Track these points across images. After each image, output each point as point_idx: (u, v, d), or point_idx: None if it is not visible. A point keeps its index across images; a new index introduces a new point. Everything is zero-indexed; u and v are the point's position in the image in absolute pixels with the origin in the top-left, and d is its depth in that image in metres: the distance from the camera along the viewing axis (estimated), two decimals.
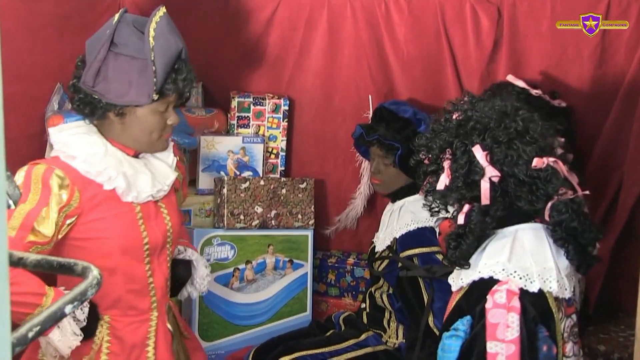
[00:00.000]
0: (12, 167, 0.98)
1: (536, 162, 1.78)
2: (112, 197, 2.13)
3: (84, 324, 2.04)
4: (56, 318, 0.95)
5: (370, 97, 3.07)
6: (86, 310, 2.07)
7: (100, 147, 2.14)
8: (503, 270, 1.78)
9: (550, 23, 2.84)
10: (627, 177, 2.83)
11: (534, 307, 1.76)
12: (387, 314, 2.88)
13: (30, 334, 0.90)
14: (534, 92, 2.71)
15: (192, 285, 2.46)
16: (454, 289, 1.94)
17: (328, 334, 2.95)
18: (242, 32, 3.18)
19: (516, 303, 1.73)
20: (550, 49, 2.86)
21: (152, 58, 2.06)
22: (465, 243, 1.84)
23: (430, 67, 3.04)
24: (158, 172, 2.25)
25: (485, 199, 1.79)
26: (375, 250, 2.95)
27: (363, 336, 2.87)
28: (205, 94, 3.31)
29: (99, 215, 2.11)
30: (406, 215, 2.81)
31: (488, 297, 1.76)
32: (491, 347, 1.72)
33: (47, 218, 1.99)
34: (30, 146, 2.61)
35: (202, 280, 2.46)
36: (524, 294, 1.76)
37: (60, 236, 2.05)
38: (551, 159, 1.80)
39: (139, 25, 2.12)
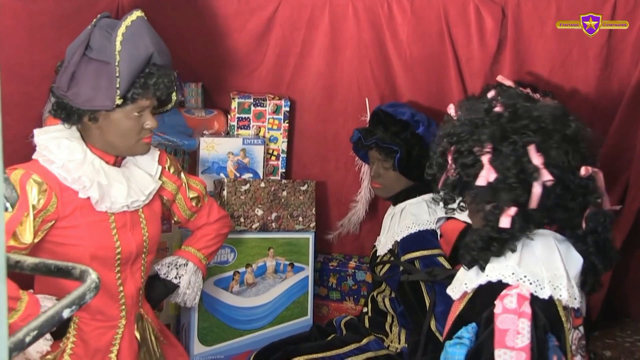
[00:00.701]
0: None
1: (584, 171, 1.73)
2: (86, 205, 2.16)
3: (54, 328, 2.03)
4: (54, 322, 0.94)
5: (367, 100, 3.04)
6: None
7: (79, 154, 2.16)
8: (513, 274, 1.72)
9: (555, 23, 2.81)
10: (633, 180, 2.80)
11: (544, 314, 1.69)
12: (389, 318, 2.85)
13: (28, 339, 0.90)
14: (520, 89, 2.70)
15: (179, 297, 2.54)
16: (455, 297, 1.88)
17: (329, 338, 2.93)
18: (243, 32, 3.15)
19: (527, 309, 1.67)
20: (555, 49, 2.83)
21: (117, 62, 2.08)
22: (497, 247, 1.75)
23: (433, 68, 3.01)
24: (136, 182, 2.28)
25: (534, 203, 1.71)
26: (377, 254, 2.92)
27: (365, 340, 2.85)
28: (205, 94, 3.29)
29: (73, 223, 2.14)
30: (407, 218, 2.79)
31: (497, 302, 1.69)
32: (499, 355, 1.64)
33: (26, 223, 2.02)
34: (27, 147, 2.58)
35: (188, 295, 2.52)
36: (534, 299, 1.70)
37: (36, 240, 2.07)
38: (595, 169, 1.76)
39: (112, 30, 2.12)
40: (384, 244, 2.88)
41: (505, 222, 1.70)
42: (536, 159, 1.69)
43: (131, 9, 2.78)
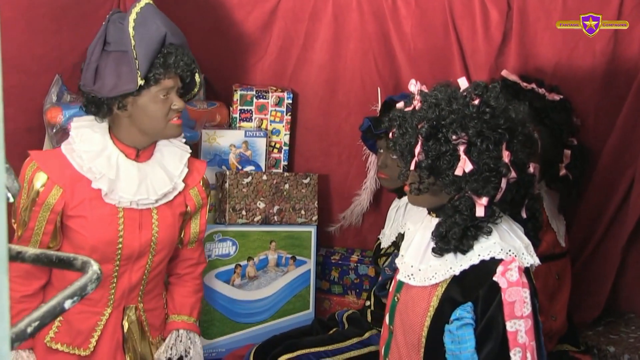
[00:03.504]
0: (11, 160, 0.97)
1: (532, 168, 1.89)
2: (97, 197, 2.23)
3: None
4: (55, 313, 0.93)
5: (379, 89, 3.02)
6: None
7: (96, 145, 2.24)
8: (502, 250, 1.83)
9: (562, 15, 2.79)
10: (639, 174, 2.78)
11: (529, 281, 1.85)
12: None
13: (29, 329, 0.90)
14: (525, 85, 2.70)
15: None
16: (430, 282, 1.91)
17: (331, 332, 2.92)
18: (245, 23, 3.13)
19: (524, 279, 1.81)
20: (561, 42, 2.81)
21: (133, 45, 2.17)
22: (473, 232, 1.86)
23: (437, 60, 2.99)
24: (151, 180, 2.30)
25: (499, 196, 1.84)
26: (381, 247, 2.91)
27: (367, 335, 2.84)
28: (207, 86, 3.27)
29: (81, 212, 2.22)
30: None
31: (498, 277, 1.80)
32: (511, 325, 1.78)
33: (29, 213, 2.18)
34: (28, 139, 2.61)
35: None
36: (525, 269, 1.84)
37: (52, 226, 2.21)
38: (534, 165, 1.92)
39: (124, 20, 2.22)
40: (388, 237, 2.87)
41: (480, 211, 1.83)
42: (506, 157, 1.81)
43: (132, 1, 2.78)
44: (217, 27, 3.15)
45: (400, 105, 2.01)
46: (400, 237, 2.78)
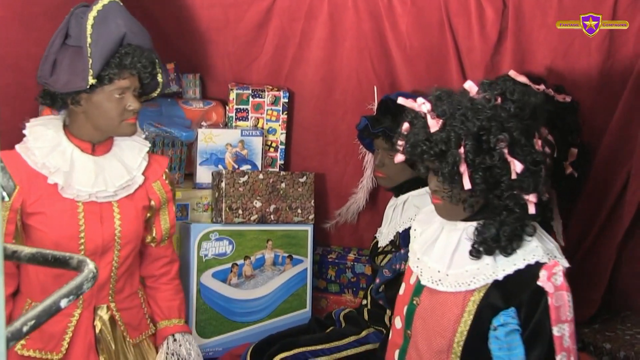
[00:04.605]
0: None
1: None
2: (54, 192, 2.22)
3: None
4: (51, 312, 0.92)
5: (375, 88, 3.01)
6: None
7: (50, 141, 2.23)
8: (544, 253, 1.82)
9: (557, 14, 2.79)
10: (635, 171, 2.78)
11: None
12: (388, 311, 2.84)
13: (25, 328, 0.89)
14: (536, 87, 2.67)
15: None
16: (468, 287, 1.85)
17: (328, 330, 2.92)
18: (241, 22, 3.13)
19: (566, 282, 1.80)
20: (557, 40, 2.81)
21: (88, 43, 2.14)
22: (520, 231, 1.86)
23: (433, 59, 2.98)
24: (109, 173, 2.30)
25: (544, 189, 1.85)
26: (378, 246, 2.91)
27: (364, 333, 2.84)
28: (203, 85, 3.27)
29: (39, 209, 2.21)
30: (410, 209, 2.77)
31: (543, 282, 1.78)
32: (558, 330, 1.78)
33: None
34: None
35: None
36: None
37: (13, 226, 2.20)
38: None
39: (85, 15, 2.20)
40: (385, 235, 2.87)
41: (532, 208, 1.80)
42: (539, 145, 1.80)
43: None
44: (213, 26, 3.14)
45: (405, 127, 1.92)
46: (399, 236, 2.78)
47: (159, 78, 2.36)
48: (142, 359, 2.46)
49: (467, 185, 1.78)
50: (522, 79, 2.69)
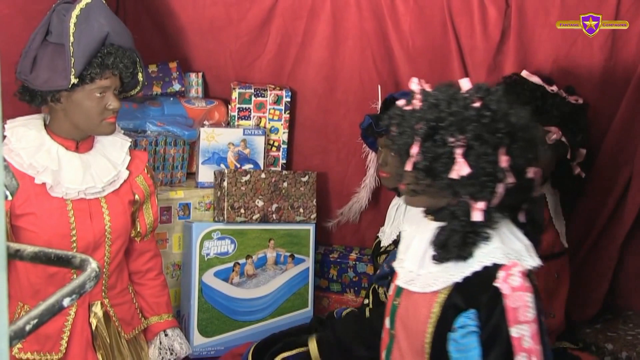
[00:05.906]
0: None
1: (532, 173, 1.84)
2: (42, 192, 2.20)
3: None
4: (54, 311, 0.92)
5: (379, 87, 3.01)
6: None
7: (33, 141, 2.21)
8: (503, 255, 1.79)
9: (560, 13, 2.78)
10: (637, 171, 2.78)
11: (531, 283, 1.80)
12: None
13: (28, 327, 0.89)
14: (550, 89, 2.66)
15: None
16: (431, 289, 1.86)
17: None
18: (244, 21, 3.13)
19: (527, 282, 1.76)
20: (559, 39, 2.81)
21: (71, 42, 2.13)
22: (472, 237, 1.80)
23: (436, 58, 2.98)
24: (95, 169, 2.29)
25: (496, 201, 1.80)
26: (381, 245, 2.90)
27: None
28: (206, 84, 3.27)
29: (28, 209, 2.19)
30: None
31: (500, 283, 1.75)
32: (516, 331, 1.74)
33: None
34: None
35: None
36: (527, 272, 1.79)
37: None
38: (535, 169, 1.86)
39: (67, 13, 2.18)
40: (388, 235, 2.86)
41: (478, 216, 1.78)
42: (505, 162, 1.76)
43: None
44: (216, 25, 3.14)
45: (401, 102, 1.96)
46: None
47: (140, 77, 2.35)
48: (136, 353, 2.46)
49: (409, 166, 1.81)
50: (535, 79, 2.69)
